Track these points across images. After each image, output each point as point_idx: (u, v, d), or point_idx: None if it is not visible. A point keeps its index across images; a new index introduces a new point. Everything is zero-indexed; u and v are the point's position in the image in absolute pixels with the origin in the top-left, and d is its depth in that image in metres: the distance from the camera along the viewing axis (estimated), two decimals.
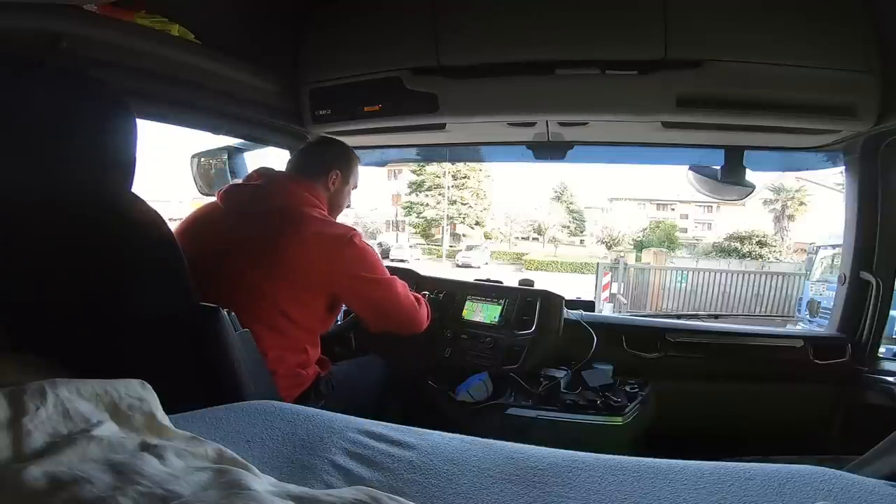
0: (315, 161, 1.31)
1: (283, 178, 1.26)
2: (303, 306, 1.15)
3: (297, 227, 1.13)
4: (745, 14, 1.22)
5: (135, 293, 0.81)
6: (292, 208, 1.17)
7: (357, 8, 1.47)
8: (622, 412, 1.31)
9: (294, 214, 1.15)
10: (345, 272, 1.16)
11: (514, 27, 1.31)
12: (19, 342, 0.76)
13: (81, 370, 0.63)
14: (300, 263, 1.11)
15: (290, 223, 1.13)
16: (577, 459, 0.64)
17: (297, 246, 1.11)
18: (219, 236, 1.16)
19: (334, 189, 1.30)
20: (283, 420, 0.71)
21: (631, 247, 20.50)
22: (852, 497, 0.55)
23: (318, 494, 0.49)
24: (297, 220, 1.14)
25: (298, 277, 1.12)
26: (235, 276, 1.09)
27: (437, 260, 20.42)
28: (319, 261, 1.13)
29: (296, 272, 1.12)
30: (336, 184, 1.30)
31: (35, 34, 0.87)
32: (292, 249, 1.11)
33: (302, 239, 1.12)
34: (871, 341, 1.43)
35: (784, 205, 19.15)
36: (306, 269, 1.12)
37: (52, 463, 0.46)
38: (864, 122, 1.25)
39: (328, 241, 1.15)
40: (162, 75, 1.15)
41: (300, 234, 1.13)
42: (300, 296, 1.14)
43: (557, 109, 1.39)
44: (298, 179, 1.25)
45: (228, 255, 1.11)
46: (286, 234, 1.12)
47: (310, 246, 1.12)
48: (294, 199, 1.19)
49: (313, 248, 1.13)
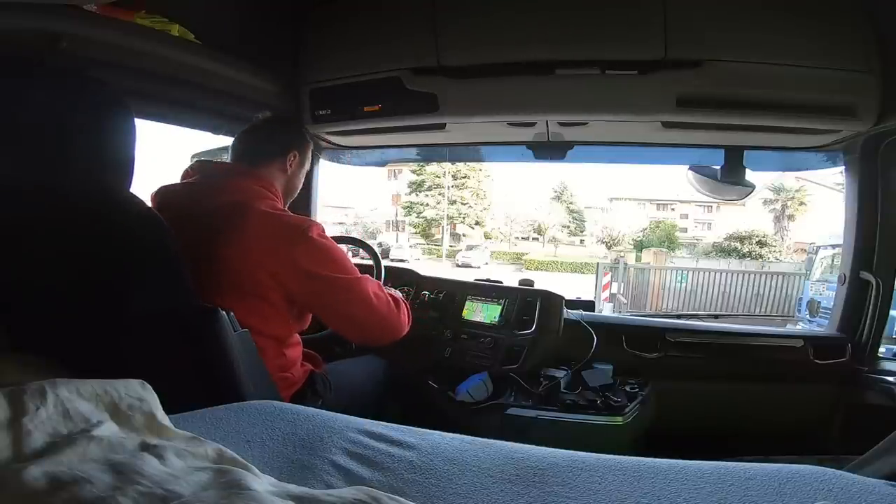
0: (269, 142, 1.17)
1: (223, 171, 1.14)
2: (262, 317, 1.02)
3: (240, 228, 0.99)
4: (745, 14, 1.23)
5: (134, 293, 0.81)
6: (235, 205, 1.02)
7: (357, 8, 1.47)
8: (622, 412, 1.30)
9: (236, 213, 1.00)
10: (297, 271, 1.01)
11: (514, 27, 1.31)
12: (19, 342, 0.76)
13: (81, 370, 0.63)
14: (246, 269, 0.98)
15: (230, 226, 0.99)
16: (577, 459, 0.64)
17: (240, 250, 0.98)
18: None
19: (291, 171, 1.18)
20: (283, 420, 0.71)
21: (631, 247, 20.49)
22: (852, 497, 0.55)
23: (318, 494, 0.49)
24: (240, 220, 1.00)
25: (248, 287, 0.99)
26: None
27: (437, 260, 20.41)
28: (267, 262, 1.00)
29: (244, 281, 0.99)
30: (293, 165, 1.18)
31: (35, 34, 0.87)
32: (235, 255, 0.98)
33: (245, 240, 0.98)
34: (871, 341, 1.43)
35: (784, 205, 19.14)
36: (253, 275, 0.99)
37: (52, 463, 0.46)
38: (864, 122, 1.25)
39: (276, 236, 1.01)
40: (162, 75, 1.15)
41: (243, 234, 0.98)
42: (256, 307, 1.01)
43: (557, 109, 1.39)
44: (243, 170, 1.12)
45: None
46: (227, 238, 0.98)
47: (254, 246, 0.99)
48: (237, 194, 1.05)
49: (258, 247, 0.99)
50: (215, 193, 1.05)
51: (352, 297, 1.09)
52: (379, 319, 1.14)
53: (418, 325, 1.58)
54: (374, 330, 1.16)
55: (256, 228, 1.00)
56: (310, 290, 1.05)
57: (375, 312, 1.13)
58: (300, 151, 1.20)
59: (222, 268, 0.98)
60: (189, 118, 1.35)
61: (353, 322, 1.12)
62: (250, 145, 1.18)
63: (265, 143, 1.18)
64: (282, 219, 1.04)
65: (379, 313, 1.13)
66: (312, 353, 1.26)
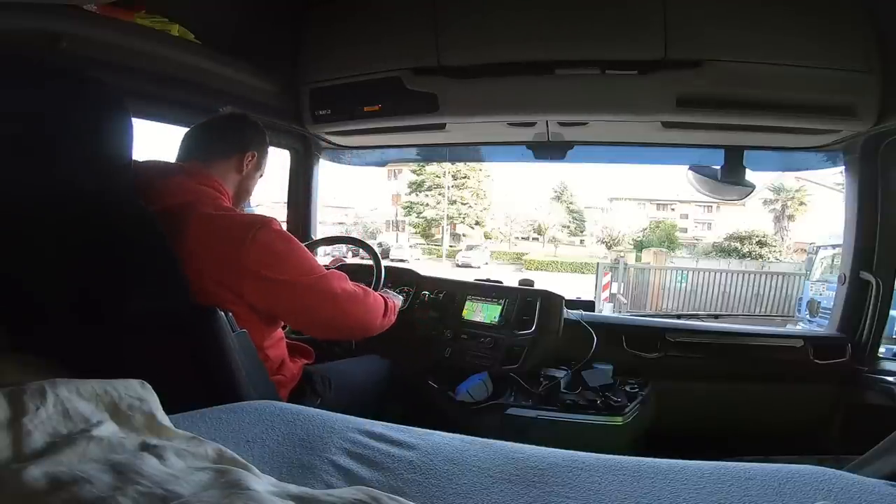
0: (226, 139, 1.09)
1: (167, 171, 1.02)
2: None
3: (182, 234, 0.90)
4: (745, 14, 1.23)
5: (132, 293, 0.81)
6: (178, 210, 0.92)
7: (357, 7, 1.47)
8: (622, 412, 1.30)
9: (180, 219, 0.91)
10: (246, 274, 0.93)
11: (513, 27, 1.32)
12: (19, 342, 0.76)
13: (81, 370, 0.63)
14: (192, 278, 0.88)
15: (173, 231, 0.87)
16: (577, 459, 0.64)
17: (184, 257, 0.87)
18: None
19: (247, 172, 1.10)
20: (283, 420, 0.71)
21: (631, 247, 20.49)
22: (852, 497, 0.55)
23: (318, 494, 0.49)
24: (182, 225, 0.91)
25: (201, 297, 0.90)
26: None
27: (437, 260, 20.41)
28: (211, 268, 0.91)
29: (196, 292, 0.89)
30: (250, 166, 1.11)
31: (35, 34, 0.87)
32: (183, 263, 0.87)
33: (186, 246, 0.89)
34: (871, 341, 1.43)
35: (784, 205, 19.14)
36: (200, 283, 0.90)
37: (52, 463, 0.46)
38: (864, 122, 1.26)
39: (222, 238, 0.92)
40: (161, 75, 1.15)
41: (185, 240, 0.89)
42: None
43: (557, 109, 1.39)
44: (192, 169, 1.02)
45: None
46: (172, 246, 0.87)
47: (196, 253, 0.90)
48: (182, 196, 0.95)
49: (201, 254, 0.90)
50: (163, 195, 0.94)
51: (313, 299, 1.00)
52: (344, 317, 1.06)
53: (418, 325, 1.59)
54: (341, 329, 1.11)
55: (198, 232, 0.91)
56: (265, 293, 0.96)
57: (341, 310, 1.05)
58: (259, 153, 1.12)
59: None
60: (188, 118, 1.35)
61: (317, 322, 1.06)
62: (204, 141, 1.09)
63: (221, 139, 1.09)
64: (226, 219, 0.95)
65: (344, 310, 1.05)
66: (301, 345, 1.22)
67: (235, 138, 1.10)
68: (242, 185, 1.12)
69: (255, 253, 0.93)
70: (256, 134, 1.14)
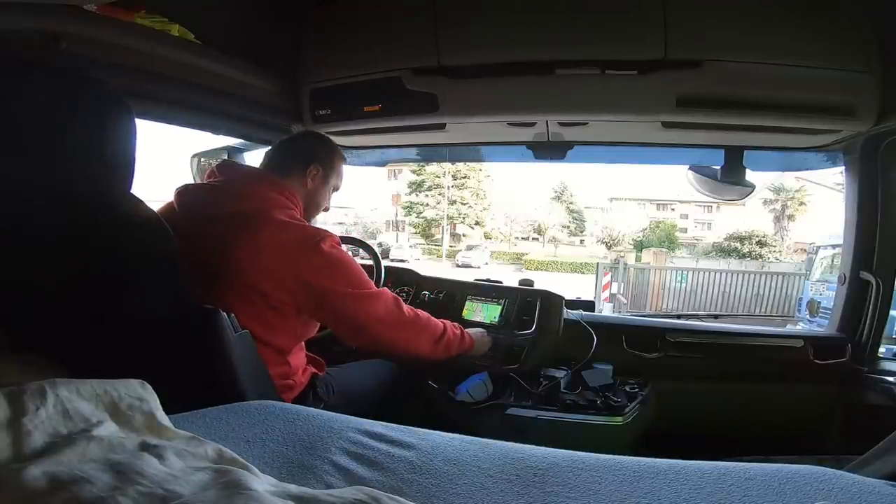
0: (294, 154, 1.19)
1: (248, 175, 1.15)
2: (268, 326, 1.01)
3: (255, 234, 0.98)
4: (745, 14, 1.23)
5: (134, 293, 0.81)
6: (254, 211, 1.02)
7: (357, 7, 1.47)
8: (622, 412, 1.30)
9: (254, 218, 1.01)
10: (304, 281, 1.01)
11: (513, 27, 1.31)
12: (19, 342, 0.76)
13: (81, 370, 0.63)
14: (255, 276, 0.98)
15: (246, 229, 0.98)
16: (577, 459, 0.64)
17: (252, 256, 0.97)
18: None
19: (312, 186, 1.18)
20: (283, 420, 0.71)
21: (631, 247, 20.49)
22: (852, 497, 0.55)
23: (318, 494, 0.49)
24: (256, 226, 0.99)
25: (256, 295, 0.99)
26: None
27: (437, 260, 20.41)
28: (276, 270, 0.99)
29: (253, 289, 0.98)
30: (315, 180, 1.18)
31: (35, 34, 0.87)
32: (246, 261, 0.97)
33: (257, 247, 0.98)
34: (871, 341, 1.43)
35: (784, 205, 19.15)
36: (262, 282, 0.98)
37: (52, 463, 0.46)
38: (864, 122, 1.25)
39: (288, 246, 1.00)
40: (162, 75, 1.15)
41: (256, 241, 0.98)
42: (264, 315, 1.01)
43: (557, 109, 1.39)
44: (268, 177, 1.12)
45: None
46: (240, 243, 0.98)
47: (265, 255, 0.98)
48: (258, 200, 1.05)
49: (269, 256, 0.98)
50: (237, 198, 1.05)
51: (359, 312, 1.07)
52: (392, 338, 1.13)
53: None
54: (386, 346, 1.16)
55: (269, 236, 0.99)
56: (316, 301, 1.04)
57: (390, 329, 1.12)
58: (323, 167, 1.19)
59: (233, 272, 0.98)
60: (189, 118, 1.35)
61: (363, 336, 1.12)
62: (279, 154, 1.21)
63: (290, 154, 1.20)
64: (295, 228, 1.03)
65: (393, 331, 1.13)
66: (316, 357, 1.25)
67: (301, 153, 1.19)
68: (311, 198, 1.19)
69: (313, 262, 1.01)
70: (321, 148, 1.23)
